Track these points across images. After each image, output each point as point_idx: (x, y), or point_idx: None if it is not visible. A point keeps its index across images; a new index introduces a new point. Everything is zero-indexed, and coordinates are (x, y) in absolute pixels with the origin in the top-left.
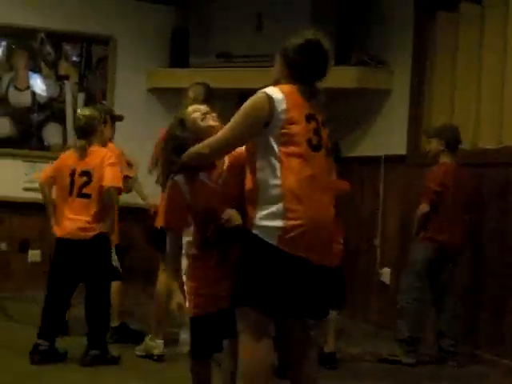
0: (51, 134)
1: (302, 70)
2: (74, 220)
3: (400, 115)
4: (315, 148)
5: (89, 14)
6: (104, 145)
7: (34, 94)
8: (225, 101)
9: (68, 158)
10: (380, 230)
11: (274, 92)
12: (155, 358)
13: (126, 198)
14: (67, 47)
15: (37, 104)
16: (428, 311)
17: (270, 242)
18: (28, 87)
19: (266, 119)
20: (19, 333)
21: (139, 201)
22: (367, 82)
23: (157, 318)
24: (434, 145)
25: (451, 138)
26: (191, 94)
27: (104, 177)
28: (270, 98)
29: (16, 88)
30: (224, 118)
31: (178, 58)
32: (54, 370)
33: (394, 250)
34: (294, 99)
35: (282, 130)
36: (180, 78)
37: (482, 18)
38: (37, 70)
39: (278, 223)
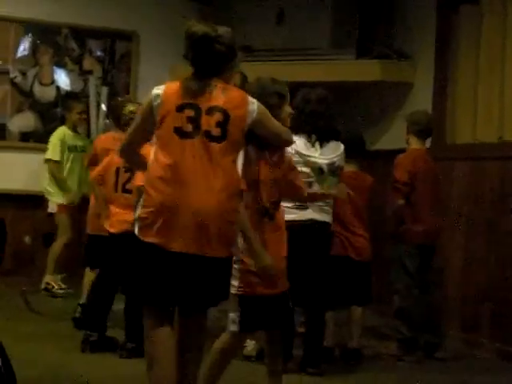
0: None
1: (192, 64)
2: (120, 215)
3: (423, 108)
4: (186, 135)
5: (113, 9)
6: None
7: (58, 88)
8: None
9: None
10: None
11: (157, 89)
12: None
13: None
14: (91, 42)
15: (61, 98)
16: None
17: (136, 233)
18: (52, 82)
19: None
20: (44, 326)
21: None
22: (390, 75)
23: None
24: (406, 130)
25: (419, 124)
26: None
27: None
28: (152, 96)
29: (41, 83)
30: None
31: None
32: (90, 360)
33: None
34: (169, 92)
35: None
36: None
37: (504, 10)
38: (61, 65)
39: (137, 213)
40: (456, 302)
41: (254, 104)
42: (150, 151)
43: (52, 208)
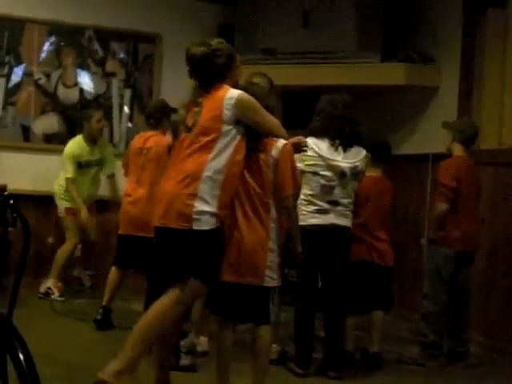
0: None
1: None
2: None
3: (448, 112)
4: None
5: (136, 11)
6: None
7: (81, 90)
8: None
9: None
10: (427, 229)
11: None
12: (198, 354)
13: None
14: (114, 45)
15: (84, 100)
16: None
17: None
18: (76, 84)
19: None
20: (66, 327)
21: None
22: (415, 79)
23: (200, 315)
24: (448, 137)
25: (464, 132)
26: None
27: None
28: None
29: (64, 85)
30: None
31: None
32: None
33: None
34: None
35: None
36: None
37: None
38: (84, 67)
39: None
40: (479, 308)
41: (232, 94)
42: None
43: (60, 211)
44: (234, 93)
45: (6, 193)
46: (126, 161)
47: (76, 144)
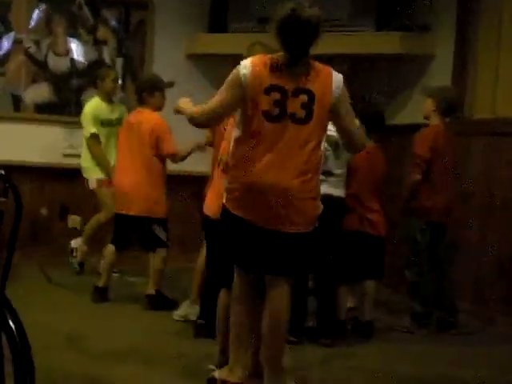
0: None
1: (284, 43)
2: None
3: (443, 82)
4: (274, 119)
5: None
6: None
7: (72, 59)
8: None
9: None
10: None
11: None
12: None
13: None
14: (106, 12)
15: (75, 69)
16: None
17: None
18: (67, 52)
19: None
20: (61, 297)
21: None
22: (410, 48)
23: (197, 285)
24: (426, 105)
25: (443, 101)
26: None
27: None
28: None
29: (55, 53)
30: None
31: (218, 23)
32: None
33: None
34: (255, 72)
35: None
36: (219, 43)
37: None
38: (75, 35)
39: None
40: (469, 278)
41: (337, 75)
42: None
43: (92, 184)
44: (337, 74)
45: None
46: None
47: (94, 103)
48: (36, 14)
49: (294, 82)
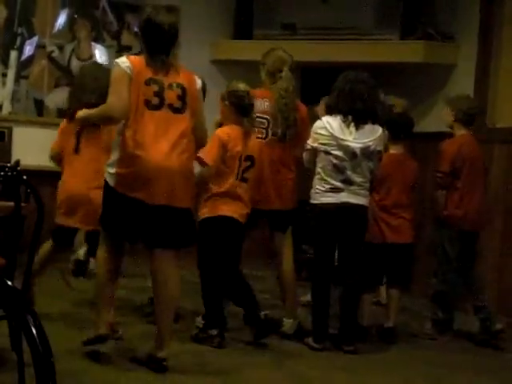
0: None
1: (146, 46)
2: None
3: (465, 90)
4: (154, 107)
5: None
6: None
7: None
8: None
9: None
10: None
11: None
12: None
13: None
14: (130, 17)
15: None
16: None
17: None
18: (90, 57)
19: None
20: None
21: None
22: (433, 57)
23: None
24: (445, 114)
25: (464, 111)
26: (288, 58)
27: None
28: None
29: (78, 58)
30: None
31: (242, 29)
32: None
33: None
34: (136, 64)
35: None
36: (243, 50)
37: None
38: (99, 40)
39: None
40: (493, 285)
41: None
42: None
43: None
44: (198, 78)
45: (19, 168)
46: None
47: None
48: (60, 18)
49: (166, 77)
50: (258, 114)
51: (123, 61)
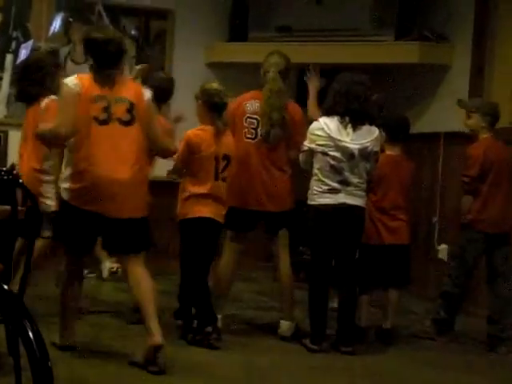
0: None
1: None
2: None
3: (460, 91)
4: (102, 122)
5: None
6: None
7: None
8: None
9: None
10: (439, 207)
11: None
12: None
13: None
14: (125, 21)
15: None
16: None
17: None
18: (85, 61)
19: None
20: None
21: None
22: (428, 58)
23: (216, 293)
24: (475, 120)
25: (493, 115)
26: (278, 60)
27: None
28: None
29: (73, 61)
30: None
31: (237, 32)
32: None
33: (452, 228)
34: (83, 83)
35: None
36: (239, 52)
37: None
38: None
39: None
40: None
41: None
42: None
43: None
44: (147, 90)
45: (14, 172)
46: None
47: None
48: (55, 22)
49: (112, 92)
50: (248, 115)
51: (71, 80)
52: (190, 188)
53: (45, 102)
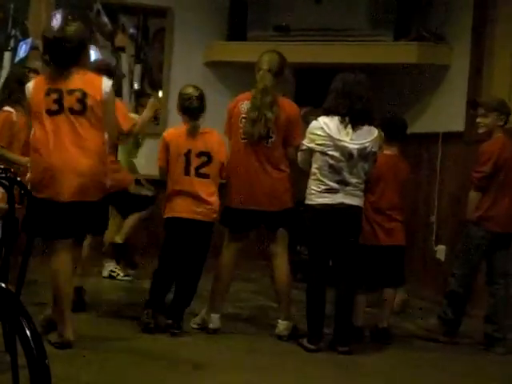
0: None
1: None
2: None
3: (459, 91)
4: (54, 113)
5: None
6: None
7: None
8: None
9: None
10: (436, 207)
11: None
12: (210, 331)
13: None
14: (124, 19)
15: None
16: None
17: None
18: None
19: None
20: None
21: None
22: (427, 58)
23: (215, 292)
24: (492, 119)
25: (508, 114)
26: (270, 59)
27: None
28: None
29: None
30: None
31: (236, 31)
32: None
33: (449, 228)
34: (37, 82)
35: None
36: (237, 51)
37: None
38: (93, 41)
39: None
40: None
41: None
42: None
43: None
44: (107, 80)
45: (12, 170)
46: None
47: None
48: (53, 19)
49: (66, 84)
50: (243, 115)
51: (28, 84)
52: (169, 186)
53: None
